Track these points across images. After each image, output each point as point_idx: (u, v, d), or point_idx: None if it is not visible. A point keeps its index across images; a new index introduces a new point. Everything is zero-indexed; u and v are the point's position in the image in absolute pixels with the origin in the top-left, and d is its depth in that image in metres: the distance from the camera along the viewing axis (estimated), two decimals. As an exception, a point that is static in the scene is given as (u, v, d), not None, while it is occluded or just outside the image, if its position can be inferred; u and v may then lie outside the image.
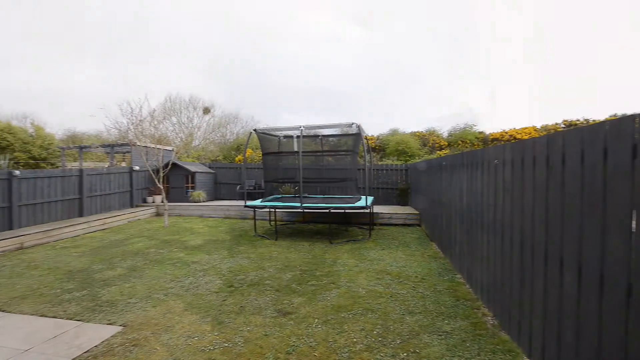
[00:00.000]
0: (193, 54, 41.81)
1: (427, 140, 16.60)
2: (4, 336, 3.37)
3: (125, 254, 6.61)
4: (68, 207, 9.65)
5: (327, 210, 7.59)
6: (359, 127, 7.40)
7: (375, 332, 3.41)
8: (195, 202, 12.43)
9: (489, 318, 3.64)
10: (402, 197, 11.34)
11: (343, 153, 9.38)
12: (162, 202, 12.18)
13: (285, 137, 9.76)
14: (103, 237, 8.46)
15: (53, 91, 38.58)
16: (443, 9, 42.70)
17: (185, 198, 12.98)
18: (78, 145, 17.15)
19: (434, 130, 17.31)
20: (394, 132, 17.14)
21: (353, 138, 8.66)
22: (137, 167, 12.38)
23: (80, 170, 10.12)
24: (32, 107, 39.87)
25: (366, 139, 7.75)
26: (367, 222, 9.28)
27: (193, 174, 12.92)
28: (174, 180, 12.98)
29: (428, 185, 7.72)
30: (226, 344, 3.16)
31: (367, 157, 7.77)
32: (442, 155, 13.34)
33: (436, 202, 6.73)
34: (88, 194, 10.22)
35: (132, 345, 3.13)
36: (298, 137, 9.36)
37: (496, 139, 15.45)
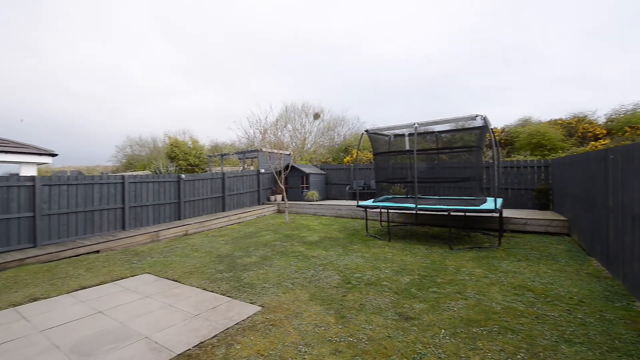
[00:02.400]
0: (298, 65, 45.97)
1: (574, 129, 13.38)
2: (181, 302, 4.34)
3: (257, 245, 7.63)
4: (215, 204, 11.85)
5: (446, 213, 6.95)
6: (484, 119, 6.52)
7: (519, 356, 2.90)
8: (309, 201, 13.43)
9: None
10: (540, 199, 9.43)
11: (466, 149, 8.45)
12: (283, 200, 13.63)
13: (396, 136, 9.48)
14: (239, 229, 10.02)
15: (201, 111, 49.11)
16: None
17: (300, 197, 14.18)
18: (220, 153, 20.93)
19: (584, 117, 13.82)
20: (525, 122, 14.53)
21: (477, 132, 7.69)
22: (262, 170, 14.24)
23: (223, 174, 12.29)
24: (188, 125, 51.75)
25: (493, 132, 6.75)
26: (494, 227, 8.10)
27: (307, 175, 13.99)
28: (292, 181, 14.34)
29: (585, 185, 6.16)
30: (351, 339, 3.22)
31: (495, 153, 6.74)
32: (600, 147, 10.50)
33: (599, 207, 5.30)
34: (228, 193, 12.33)
35: (271, 325, 3.54)
36: (410, 135, 8.96)
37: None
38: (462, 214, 8.35)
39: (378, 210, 9.38)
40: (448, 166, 10.50)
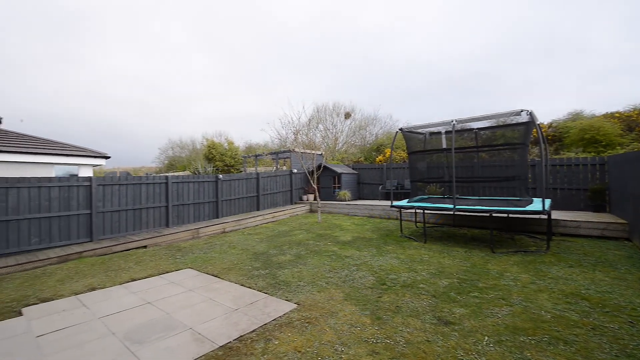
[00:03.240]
0: (329, 66, 46.10)
1: (634, 122, 12.09)
2: (221, 296, 4.53)
3: (291, 243, 7.76)
4: (249, 203, 12.23)
5: (488, 214, 6.59)
6: (530, 114, 6.09)
7: (574, 370, 2.67)
8: (341, 201, 13.40)
9: None
10: (594, 200, 8.63)
11: (508, 147, 7.96)
12: (315, 200, 13.74)
13: (432, 134, 9.16)
14: (273, 227, 10.25)
15: (235, 114, 51.12)
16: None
17: (332, 197, 14.19)
18: (254, 154, 21.57)
19: (648, 109, 12.44)
20: (576, 117, 13.38)
21: (522, 128, 7.20)
22: (295, 170, 14.46)
23: (257, 174, 12.65)
24: (223, 127, 54.15)
25: (540, 127, 6.28)
26: (542, 230, 7.56)
27: (339, 175, 13.97)
28: (323, 181, 14.40)
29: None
30: (388, 341, 3.17)
31: (543, 150, 6.27)
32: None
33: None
34: (262, 193, 12.67)
35: (307, 323, 3.59)
36: (447, 132, 8.62)
37: None
38: (505, 215, 7.87)
39: (413, 210, 9.14)
40: (488, 165, 9.96)
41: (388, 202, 12.18)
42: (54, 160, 9.16)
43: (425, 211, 7.81)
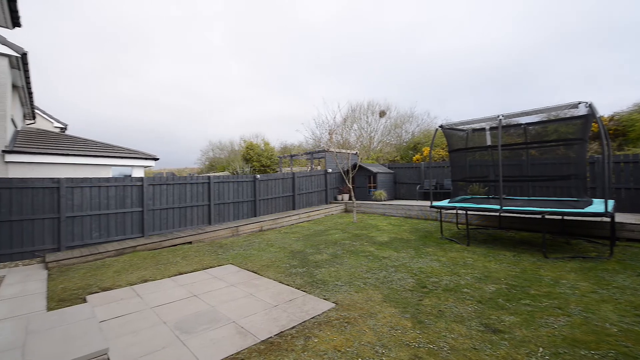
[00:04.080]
0: (361, 65, 45.58)
1: None
2: (261, 292, 4.66)
3: (327, 243, 7.78)
4: (285, 202, 12.47)
5: (540, 216, 6.10)
6: (590, 106, 5.52)
7: (650, 392, 2.37)
8: (377, 201, 13.18)
9: None
10: (668, 202, 7.62)
11: (562, 143, 7.31)
12: (350, 200, 13.66)
13: (475, 130, 8.68)
14: (309, 227, 10.35)
15: (270, 116, 52.64)
16: None
17: (368, 197, 14.01)
18: (289, 155, 21.96)
19: None
20: (645, 109, 11.89)
21: (579, 122, 6.57)
22: (330, 170, 14.48)
23: (293, 174, 12.86)
24: (260, 129, 56.15)
25: (601, 121, 5.67)
26: (603, 234, 6.85)
27: (375, 174, 13.76)
28: (358, 180, 14.27)
29: None
30: (431, 346, 3.05)
31: (605, 146, 5.65)
32: None
33: None
34: (298, 192, 12.86)
35: (345, 322, 3.57)
36: (492, 128, 8.12)
37: None
38: (560, 217, 7.24)
39: (454, 211, 8.74)
40: (539, 163, 9.22)
41: (426, 203, 11.76)
42: (111, 163, 10.04)
43: (468, 212, 7.41)
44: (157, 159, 11.20)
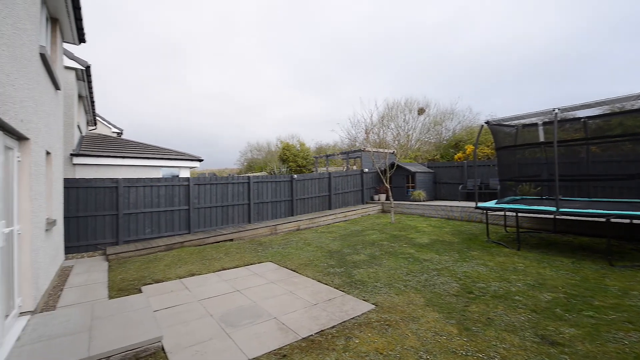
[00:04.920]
0: (397, 62, 44.31)
1: None
2: (300, 290, 4.72)
3: (364, 243, 7.68)
4: (322, 202, 12.53)
5: (604, 220, 5.49)
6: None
7: None
8: (415, 201, 12.76)
9: None
10: None
11: (629, 137, 6.52)
12: (387, 200, 13.38)
13: (525, 126, 8.06)
14: (345, 227, 10.30)
15: (305, 116, 53.40)
16: None
17: (405, 197, 13.62)
18: (325, 155, 22.07)
19: None
20: None
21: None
22: (366, 170, 14.30)
23: (329, 174, 12.89)
24: (295, 130, 57.24)
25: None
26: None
27: (413, 174, 13.34)
28: (396, 180, 13.92)
29: None
30: (480, 355, 2.87)
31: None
32: None
33: None
34: (334, 192, 12.86)
35: (386, 325, 3.48)
36: (546, 123, 7.48)
37: None
38: (628, 221, 6.46)
39: (502, 213, 8.19)
40: (600, 160, 8.30)
41: (469, 204, 11.15)
42: (161, 164, 10.80)
43: (519, 214, 6.88)
44: (202, 160, 11.83)
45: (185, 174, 11.52)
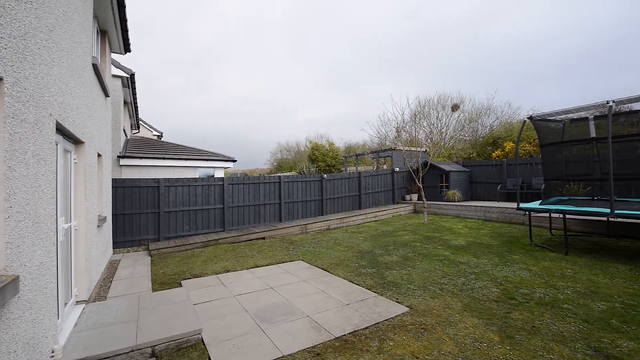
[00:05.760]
0: (427, 59, 42.80)
1: None
2: (332, 289, 4.72)
3: (396, 244, 7.52)
4: (351, 202, 12.45)
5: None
6: None
7: None
8: (450, 202, 12.27)
9: None
10: None
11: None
12: (420, 200, 13.01)
13: (573, 121, 7.45)
14: (376, 227, 10.16)
15: (334, 116, 53.57)
16: None
17: (439, 197, 13.15)
18: (354, 154, 21.91)
19: None
20: None
21: None
22: (397, 169, 14.00)
23: (359, 173, 12.78)
24: (324, 129, 57.59)
25: None
26: None
27: (447, 173, 12.84)
28: (429, 179, 13.48)
29: None
30: (525, 366, 2.70)
31: None
32: None
33: None
34: (364, 192, 12.73)
35: (422, 329, 3.38)
36: (598, 117, 6.88)
37: None
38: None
39: (547, 214, 7.65)
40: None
41: (509, 204, 10.53)
42: (198, 165, 11.33)
43: (567, 216, 6.38)
44: (235, 160, 12.24)
45: (219, 174, 11.97)
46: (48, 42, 2.52)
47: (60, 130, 3.16)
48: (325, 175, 11.57)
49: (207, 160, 11.50)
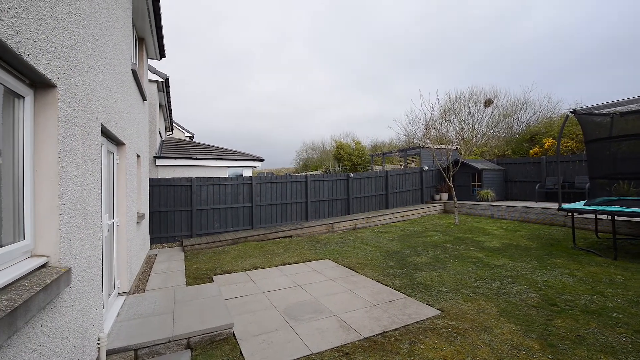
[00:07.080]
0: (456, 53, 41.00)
1: None
2: (359, 289, 4.68)
3: (426, 245, 7.32)
4: (378, 201, 12.28)
5: None
6: None
7: None
8: (483, 201, 11.74)
9: None
10: None
11: None
12: (450, 199, 12.56)
13: (624, 114, 6.84)
14: (404, 227, 9.94)
15: (359, 115, 53.19)
16: None
17: (471, 196, 12.63)
18: (381, 152, 21.59)
19: None
20: None
21: None
22: (426, 167, 13.61)
23: (386, 172, 12.56)
24: (350, 128, 57.36)
25: None
26: None
27: (480, 171, 12.29)
28: (460, 178, 12.98)
29: None
30: (570, 377, 2.52)
31: None
32: None
33: None
34: (391, 191, 12.50)
35: (455, 333, 3.26)
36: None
37: None
38: None
39: (592, 216, 7.10)
40: None
41: (548, 204, 9.89)
42: (227, 164, 11.69)
43: (616, 217, 5.87)
44: (263, 160, 12.49)
45: (248, 173, 12.28)
46: (94, 51, 2.70)
47: (105, 132, 3.39)
48: (351, 174, 11.50)
49: (236, 160, 11.83)
